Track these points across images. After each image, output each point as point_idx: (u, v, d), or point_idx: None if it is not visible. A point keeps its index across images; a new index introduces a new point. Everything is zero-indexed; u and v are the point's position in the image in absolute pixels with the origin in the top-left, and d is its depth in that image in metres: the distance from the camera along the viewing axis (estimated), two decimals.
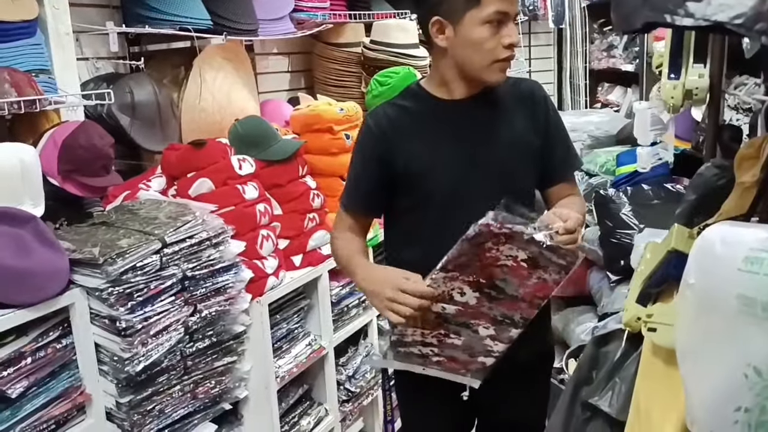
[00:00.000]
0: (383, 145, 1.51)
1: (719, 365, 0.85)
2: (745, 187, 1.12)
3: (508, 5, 1.38)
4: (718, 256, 0.87)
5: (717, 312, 0.86)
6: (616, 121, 3.99)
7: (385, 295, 1.33)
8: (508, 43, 1.39)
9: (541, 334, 1.62)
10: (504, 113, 1.52)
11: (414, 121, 1.52)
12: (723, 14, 0.71)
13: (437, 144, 1.49)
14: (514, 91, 1.55)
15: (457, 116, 1.50)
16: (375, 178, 1.54)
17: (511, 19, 1.40)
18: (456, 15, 1.40)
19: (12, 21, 1.85)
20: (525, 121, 1.53)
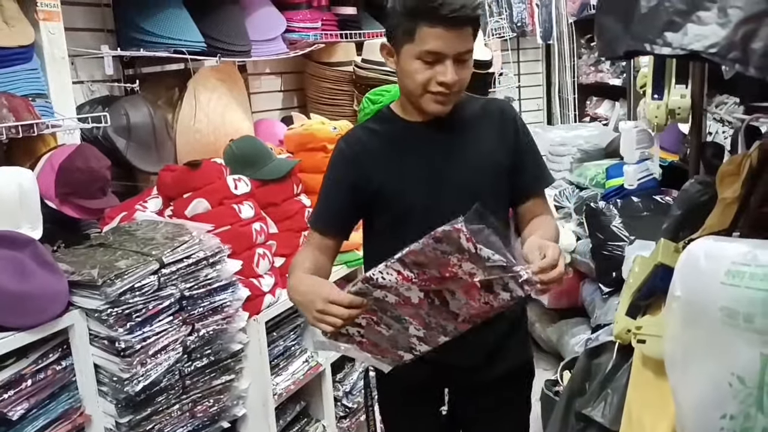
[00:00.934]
0: (355, 167, 1.53)
1: (705, 374, 0.88)
2: (727, 202, 1.16)
3: (444, 46, 1.36)
4: (702, 270, 0.90)
5: (702, 323, 0.89)
6: (605, 135, 4.04)
7: (315, 307, 1.31)
8: (440, 81, 1.39)
9: (518, 347, 1.62)
10: (472, 134, 1.54)
11: (384, 144, 1.53)
12: (698, 44, 0.76)
13: (406, 166, 1.51)
14: (483, 111, 1.57)
15: (425, 138, 1.51)
16: (345, 200, 1.55)
17: (449, 59, 1.38)
18: (397, 45, 1.42)
19: (9, 47, 1.87)
20: (494, 140, 1.54)
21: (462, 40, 1.38)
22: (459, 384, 1.61)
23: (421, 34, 1.36)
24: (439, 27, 1.35)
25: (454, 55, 1.38)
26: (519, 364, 1.64)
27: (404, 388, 1.61)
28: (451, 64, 1.38)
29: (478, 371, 1.54)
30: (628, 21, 0.85)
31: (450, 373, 1.54)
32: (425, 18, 1.35)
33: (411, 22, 1.37)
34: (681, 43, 0.77)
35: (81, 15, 2.28)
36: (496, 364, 1.51)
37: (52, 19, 1.99)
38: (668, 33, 0.78)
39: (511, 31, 4.53)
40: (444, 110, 1.46)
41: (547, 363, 3.78)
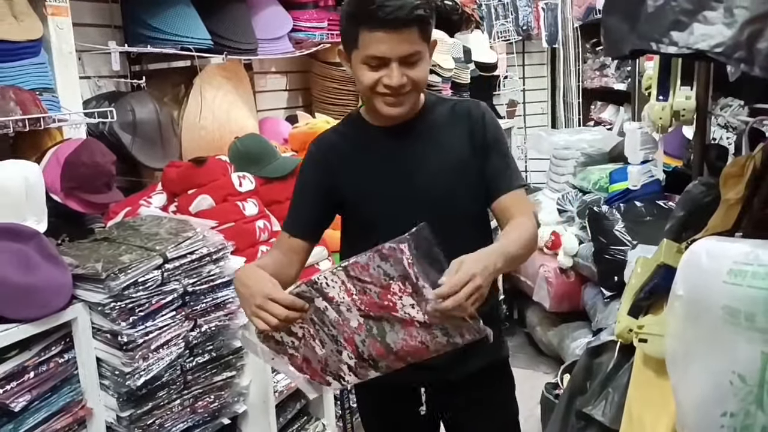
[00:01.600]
0: (324, 171, 1.53)
1: (706, 373, 0.88)
2: (730, 204, 1.16)
3: (386, 50, 1.35)
4: (705, 269, 0.91)
5: (704, 322, 0.90)
6: (609, 139, 4.05)
7: (254, 301, 1.28)
8: (386, 84, 1.38)
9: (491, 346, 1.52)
10: (440, 137, 1.52)
11: (353, 148, 1.53)
12: (704, 43, 0.76)
13: (374, 171, 1.51)
14: (452, 113, 1.55)
15: (392, 142, 1.51)
16: (314, 203, 1.55)
17: (393, 62, 1.36)
18: (347, 50, 1.43)
19: (17, 41, 1.88)
20: (462, 142, 1.52)
21: (405, 43, 1.35)
22: (433, 382, 1.60)
23: (363, 39, 1.36)
24: (379, 31, 1.33)
25: (398, 57, 1.36)
26: (492, 362, 1.62)
27: (380, 389, 1.60)
28: (397, 67, 1.37)
29: (450, 369, 1.52)
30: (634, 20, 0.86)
31: (423, 372, 1.49)
32: (365, 23, 1.34)
33: (353, 28, 1.37)
34: (687, 42, 0.78)
35: (89, 11, 2.30)
36: (468, 361, 1.50)
37: (60, 14, 2.00)
38: (674, 32, 0.79)
39: (516, 34, 4.55)
40: (398, 112, 1.44)
41: (547, 366, 3.78)
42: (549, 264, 3.71)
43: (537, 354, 3.97)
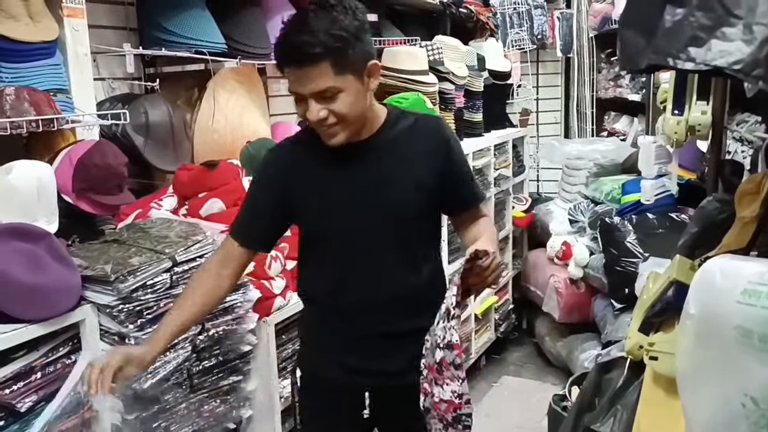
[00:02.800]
0: (280, 180, 1.53)
1: (718, 394, 0.87)
2: (745, 221, 1.15)
3: (297, 87, 1.37)
4: (718, 288, 0.89)
5: (716, 342, 0.88)
6: (622, 150, 4.03)
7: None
8: (306, 117, 1.40)
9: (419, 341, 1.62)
10: (399, 153, 1.52)
11: (311, 160, 1.53)
12: (722, 60, 0.75)
13: (330, 185, 1.51)
14: (414, 129, 1.55)
15: (352, 157, 1.51)
16: (264, 213, 1.56)
17: (308, 98, 1.37)
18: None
19: (33, 41, 1.89)
20: (422, 160, 1.53)
21: (315, 80, 1.34)
22: (378, 387, 1.62)
23: (286, 75, 1.39)
24: (291, 68, 1.36)
25: (311, 94, 1.36)
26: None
27: (325, 392, 1.64)
28: (314, 102, 1.37)
29: (398, 376, 1.56)
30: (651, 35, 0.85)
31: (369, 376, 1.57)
32: (278, 60, 1.39)
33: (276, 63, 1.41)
34: (704, 58, 0.77)
35: (104, 13, 2.31)
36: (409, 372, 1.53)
37: (76, 16, 2.01)
38: (692, 48, 0.78)
39: (531, 43, 4.53)
40: (335, 141, 1.45)
41: (555, 377, 3.76)
42: (559, 274, 3.68)
43: (545, 365, 3.95)
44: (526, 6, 4.45)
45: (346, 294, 1.54)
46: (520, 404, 3.50)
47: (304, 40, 1.30)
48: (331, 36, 1.32)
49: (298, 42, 1.31)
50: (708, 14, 0.77)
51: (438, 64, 3.35)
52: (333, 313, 1.58)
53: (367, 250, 1.51)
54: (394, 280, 1.53)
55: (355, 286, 1.55)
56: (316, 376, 1.67)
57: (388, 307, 1.51)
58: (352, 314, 1.55)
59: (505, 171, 4.03)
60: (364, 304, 1.52)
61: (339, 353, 1.60)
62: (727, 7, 0.76)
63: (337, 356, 1.60)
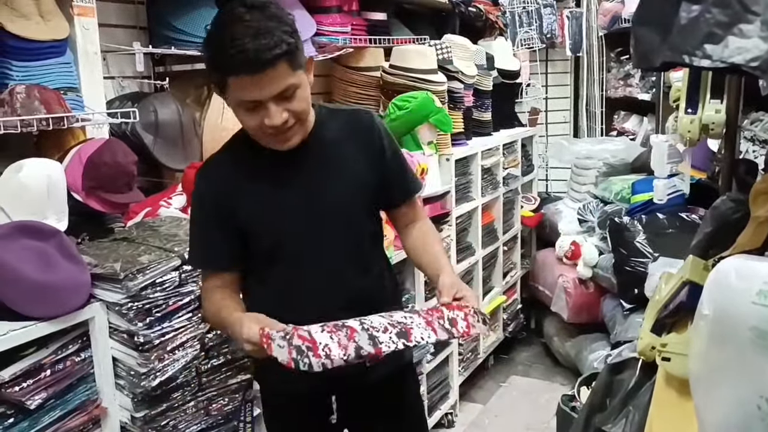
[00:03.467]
0: (218, 201, 1.48)
1: (732, 396, 0.86)
2: (760, 221, 1.14)
3: (254, 94, 1.30)
4: (733, 289, 0.88)
5: (730, 343, 0.87)
6: (632, 150, 4.01)
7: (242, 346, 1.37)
8: (268, 125, 1.34)
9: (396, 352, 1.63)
10: (337, 152, 1.50)
11: (246, 173, 1.48)
12: (740, 57, 0.74)
13: (272, 195, 1.47)
14: (348, 125, 1.53)
15: (285, 164, 1.47)
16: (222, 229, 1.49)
17: (268, 102, 1.32)
18: (219, 92, 1.39)
19: (44, 40, 1.90)
20: (360, 156, 1.51)
21: (274, 81, 1.30)
22: (342, 390, 1.61)
23: (231, 85, 1.32)
24: (244, 75, 1.28)
25: (271, 97, 1.32)
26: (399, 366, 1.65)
27: (291, 400, 1.62)
28: (274, 105, 1.33)
29: (358, 376, 1.52)
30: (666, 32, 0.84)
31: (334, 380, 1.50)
32: (228, 71, 1.30)
33: (219, 75, 1.33)
34: (721, 55, 0.76)
35: (115, 11, 2.31)
36: (376, 367, 1.50)
37: (86, 14, 2.01)
38: (708, 45, 0.77)
39: (540, 42, 4.51)
40: (289, 145, 1.41)
41: (564, 378, 3.74)
42: (568, 274, 3.67)
43: (554, 365, 3.94)
44: (535, 5, 4.43)
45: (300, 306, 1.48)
46: (528, 404, 3.49)
47: (263, 43, 1.25)
48: (284, 33, 1.28)
49: (257, 46, 1.25)
50: (725, 11, 0.76)
51: (447, 63, 3.34)
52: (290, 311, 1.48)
53: (317, 256, 1.47)
54: (346, 284, 1.51)
55: (308, 297, 1.50)
56: (277, 389, 1.65)
57: (341, 313, 1.40)
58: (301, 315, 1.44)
59: (514, 170, 4.02)
60: (318, 313, 1.40)
61: None
62: (744, 4, 0.75)
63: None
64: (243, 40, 1.25)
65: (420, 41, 3.38)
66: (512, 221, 4.11)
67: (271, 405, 1.72)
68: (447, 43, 3.44)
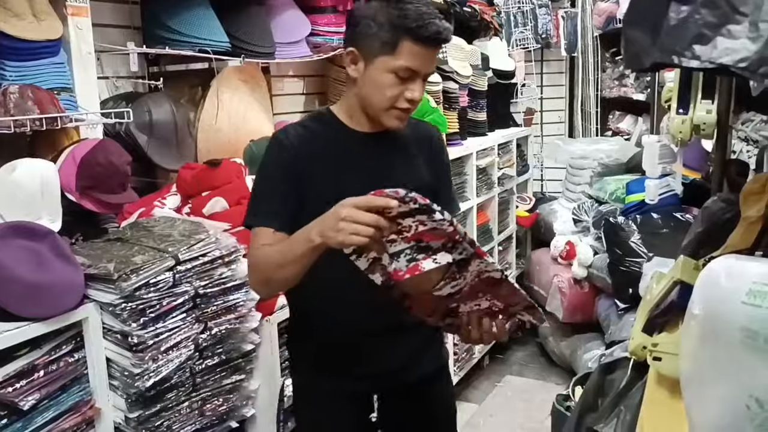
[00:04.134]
0: (295, 162, 1.48)
1: (722, 395, 0.86)
2: (751, 221, 1.14)
3: (420, 65, 1.39)
4: (723, 289, 0.89)
5: (721, 343, 0.88)
6: (627, 150, 4.02)
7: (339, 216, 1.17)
8: (409, 98, 1.41)
9: (435, 351, 1.69)
10: (407, 153, 1.56)
11: (324, 147, 1.50)
12: (728, 58, 0.75)
13: (342, 173, 1.49)
14: (415, 133, 1.59)
15: (363, 148, 1.51)
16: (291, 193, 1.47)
17: (420, 77, 1.41)
18: (370, 54, 1.41)
19: (37, 40, 1.90)
20: (423, 163, 1.58)
21: (434, 62, 1.43)
22: (385, 389, 1.64)
23: (403, 49, 1.37)
24: (421, 46, 1.37)
25: (425, 74, 1.41)
26: (438, 367, 1.70)
27: (334, 397, 1.62)
28: (420, 82, 1.41)
29: (398, 375, 1.58)
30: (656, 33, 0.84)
31: (377, 379, 1.58)
32: (410, 34, 1.36)
33: (394, 35, 1.37)
34: (710, 56, 0.76)
35: (108, 11, 2.31)
36: (413, 367, 1.59)
37: (80, 14, 2.01)
38: (697, 46, 0.78)
39: (535, 42, 4.52)
40: (402, 125, 1.48)
41: (559, 377, 3.75)
42: (563, 274, 3.68)
43: (549, 364, 3.94)
44: (530, 5, 4.44)
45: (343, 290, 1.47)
46: (523, 404, 3.50)
47: (445, 25, 1.38)
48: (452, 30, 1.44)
49: (443, 26, 1.37)
50: (713, 12, 0.77)
51: (442, 63, 3.34)
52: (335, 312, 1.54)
53: None
54: None
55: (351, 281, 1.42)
56: (319, 391, 1.64)
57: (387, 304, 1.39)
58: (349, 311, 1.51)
59: (509, 170, 4.03)
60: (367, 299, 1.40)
61: (339, 359, 1.58)
62: (732, 5, 0.75)
63: (337, 363, 1.59)
64: (431, 15, 1.36)
65: None
66: (507, 221, 4.11)
67: (313, 404, 1.68)
68: None
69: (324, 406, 1.65)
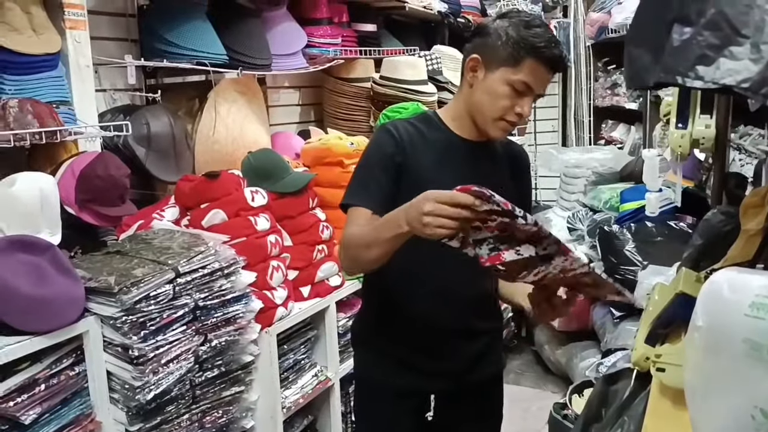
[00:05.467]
0: (401, 152, 1.53)
1: (727, 406, 0.87)
2: (751, 234, 1.16)
3: (537, 83, 1.46)
4: (726, 301, 0.90)
5: (724, 354, 0.89)
6: (620, 158, 4.05)
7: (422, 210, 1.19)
8: (518, 112, 1.48)
9: (495, 356, 1.75)
10: (499, 165, 1.63)
11: (427, 146, 1.56)
12: (731, 78, 0.76)
13: (443, 174, 1.53)
14: (507, 150, 1.68)
15: (461, 152, 1.57)
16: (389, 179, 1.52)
17: (532, 95, 1.48)
18: (492, 63, 1.48)
19: (36, 54, 1.90)
20: (512, 179, 1.64)
21: (547, 85, 1.51)
22: (444, 389, 1.69)
23: (526, 65, 1.45)
24: (543, 66, 1.45)
25: (536, 95, 1.49)
26: (497, 371, 1.77)
27: (393, 395, 1.66)
28: (531, 100, 1.49)
29: (462, 376, 1.63)
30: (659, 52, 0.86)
31: (437, 379, 1.63)
32: (535, 53, 1.45)
33: (520, 51, 1.45)
34: (713, 77, 0.78)
35: (106, 24, 2.31)
36: (476, 370, 1.65)
37: (78, 27, 2.01)
38: (700, 66, 0.79)
39: None
40: (504, 137, 1.58)
41: (555, 386, 3.76)
42: None
43: (545, 373, 3.95)
44: None
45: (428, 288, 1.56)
46: (520, 412, 3.50)
47: (564, 54, 1.52)
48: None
49: (564, 55, 1.53)
50: (716, 33, 0.78)
51: (437, 74, 3.37)
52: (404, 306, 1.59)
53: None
54: (472, 279, 1.55)
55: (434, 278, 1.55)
56: (378, 383, 1.69)
57: (463, 304, 1.57)
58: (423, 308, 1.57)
59: None
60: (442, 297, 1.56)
61: (408, 356, 1.62)
62: (734, 27, 0.77)
63: (405, 360, 1.62)
64: (555, 42, 1.47)
65: (410, 52, 3.41)
66: None
67: (371, 396, 1.73)
68: (436, 53, 3.46)
69: (384, 401, 1.67)
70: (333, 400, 2.45)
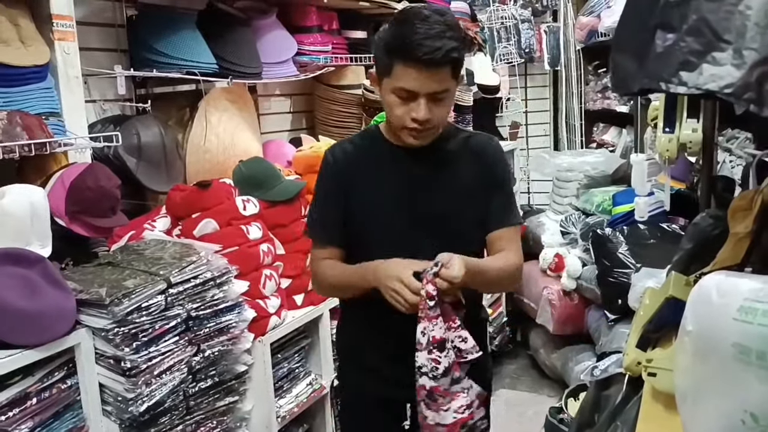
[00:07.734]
0: (341, 178, 1.58)
1: (717, 410, 0.88)
2: (739, 237, 1.16)
3: (416, 85, 1.40)
4: (714, 305, 0.90)
5: (714, 359, 0.89)
6: (612, 161, 4.06)
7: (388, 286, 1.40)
8: (413, 117, 1.44)
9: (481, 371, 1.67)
10: (453, 166, 1.58)
11: (368, 161, 1.58)
12: (714, 84, 0.77)
13: (385, 187, 1.56)
14: (467, 145, 1.62)
15: (407, 163, 1.56)
16: (336, 207, 1.59)
17: (421, 97, 1.42)
18: (380, 77, 1.49)
19: (24, 66, 1.89)
20: (474, 174, 1.58)
21: (437, 81, 1.42)
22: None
23: (397, 71, 1.41)
24: (413, 68, 1.38)
25: (427, 94, 1.42)
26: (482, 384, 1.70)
27: (370, 402, 1.67)
28: (425, 102, 1.42)
29: None
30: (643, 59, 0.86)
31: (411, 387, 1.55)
32: (400, 57, 1.40)
33: (388, 58, 1.42)
34: (696, 82, 0.78)
35: (95, 35, 2.31)
36: None
37: (67, 38, 2.00)
38: (683, 72, 0.80)
39: (519, 57, 4.57)
40: (420, 143, 1.51)
41: (551, 389, 3.76)
42: (552, 286, 3.69)
43: (540, 377, 3.95)
44: (513, 20, 4.49)
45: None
46: (516, 417, 3.50)
47: (445, 43, 1.36)
48: (457, 42, 1.41)
49: (439, 45, 1.36)
50: (698, 39, 0.79)
51: None
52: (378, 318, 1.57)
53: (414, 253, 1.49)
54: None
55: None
56: (357, 392, 1.71)
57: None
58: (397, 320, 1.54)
59: None
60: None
61: (382, 366, 1.63)
62: (716, 33, 0.77)
63: (380, 369, 1.63)
64: (422, 37, 1.36)
65: None
66: None
67: (351, 404, 1.77)
68: None
69: (361, 409, 1.70)
70: (328, 409, 2.44)
